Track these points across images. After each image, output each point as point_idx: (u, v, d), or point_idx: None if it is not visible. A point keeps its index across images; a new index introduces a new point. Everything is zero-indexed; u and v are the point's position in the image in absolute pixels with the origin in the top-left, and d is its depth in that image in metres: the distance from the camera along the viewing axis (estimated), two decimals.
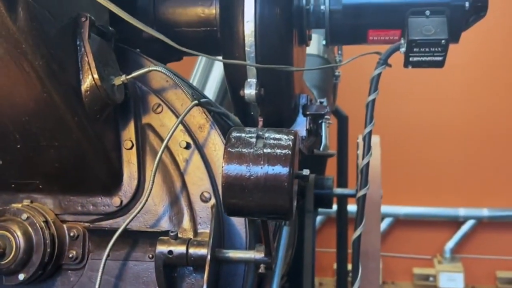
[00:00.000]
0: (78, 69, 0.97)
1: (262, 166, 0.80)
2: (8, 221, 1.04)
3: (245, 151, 0.82)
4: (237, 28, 1.13)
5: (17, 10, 0.82)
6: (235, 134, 0.84)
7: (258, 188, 0.80)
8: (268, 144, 0.82)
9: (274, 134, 0.84)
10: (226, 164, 0.81)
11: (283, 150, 0.81)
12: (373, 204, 2.06)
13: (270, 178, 0.80)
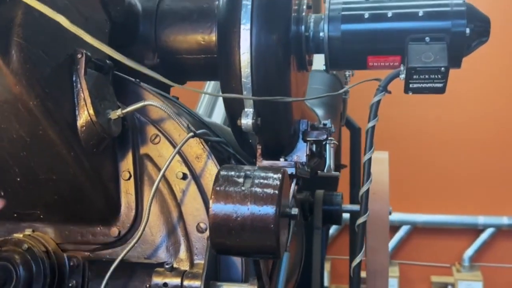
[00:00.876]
0: (74, 105, 0.99)
1: (249, 207, 0.81)
2: (10, 251, 1.07)
3: (232, 191, 0.83)
4: (233, 59, 1.14)
5: (10, 53, 0.84)
6: (223, 173, 0.85)
7: (244, 229, 0.81)
8: (255, 184, 0.83)
9: (261, 173, 0.85)
10: (213, 203, 0.82)
11: (270, 190, 0.82)
12: (381, 222, 2.05)
13: (257, 219, 0.81)
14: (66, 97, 0.98)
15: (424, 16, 1.24)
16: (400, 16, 1.25)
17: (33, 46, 0.88)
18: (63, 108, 0.97)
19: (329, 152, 1.62)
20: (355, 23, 1.27)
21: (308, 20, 1.30)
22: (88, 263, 1.12)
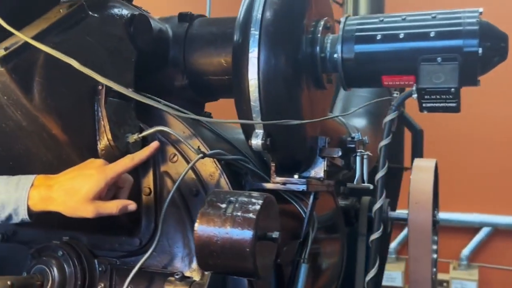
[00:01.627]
0: (95, 131, 1.12)
1: (228, 230, 0.89)
2: (47, 257, 1.23)
3: (215, 215, 0.91)
4: (243, 84, 1.22)
5: (32, 91, 0.99)
6: (210, 198, 0.94)
7: (224, 251, 0.89)
8: (236, 209, 0.91)
9: (244, 198, 0.92)
10: (198, 226, 0.91)
11: (249, 215, 0.89)
12: (423, 231, 2.02)
13: (234, 242, 0.89)
14: (87, 124, 1.11)
15: (436, 36, 1.24)
16: (411, 37, 1.27)
17: (54, 83, 1.02)
18: (84, 135, 1.10)
19: (360, 164, 1.66)
20: (367, 44, 1.30)
21: (325, 41, 1.34)
22: (115, 269, 1.26)
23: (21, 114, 1.01)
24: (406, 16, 1.31)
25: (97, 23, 1.15)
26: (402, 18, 1.31)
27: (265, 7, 1.24)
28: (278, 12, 1.23)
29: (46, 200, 1.02)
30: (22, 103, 0.99)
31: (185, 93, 1.48)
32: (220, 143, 1.39)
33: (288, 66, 1.23)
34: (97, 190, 1.02)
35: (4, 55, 0.94)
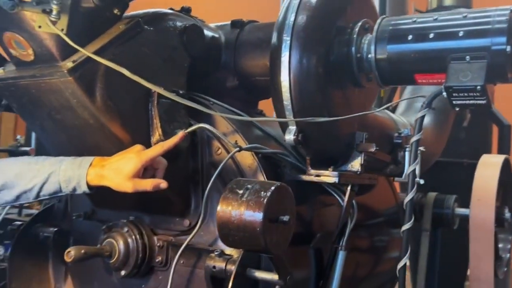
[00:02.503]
0: (149, 127, 1.33)
1: (242, 213, 1.04)
2: (115, 232, 1.47)
3: (232, 199, 1.07)
4: (277, 85, 1.36)
5: (95, 95, 1.21)
6: (231, 185, 1.10)
7: (239, 230, 1.05)
8: (250, 194, 1.06)
9: (258, 186, 1.07)
10: (220, 208, 1.07)
11: (259, 200, 1.04)
12: (485, 228, 2.01)
13: (247, 223, 1.04)
14: (142, 122, 1.32)
15: (464, 35, 1.29)
16: (441, 37, 1.32)
17: (113, 88, 1.24)
18: (140, 130, 1.31)
19: (407, 158, 1.73)
20: (399, 44, 1.38)
21: (362, 42, 1.44)
22: (170, 245, 1.46)
23: (87, 114, 1.24)
24: (438, 16, 1.36)
25: (152, 35, 1.36)
26: (434, 19, 1.36)
27: (298, 12, 1.36)
28: (309, 17, 1.35)
29: (99, 177, 1.25)
30: (87, 105, 1.22)
31: (236, 92, 1.65)
32: (265, 138, 1.54)
33: (318, 67, 1.35)
34: (135, 171, 1.23)
35: (72, 67, 1.17)
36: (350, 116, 1.32)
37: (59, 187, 1.28)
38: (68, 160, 1.29)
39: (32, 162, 1.31)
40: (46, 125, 1.35)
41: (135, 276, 1.48)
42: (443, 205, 2.35)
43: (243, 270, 1.26)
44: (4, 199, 1.31)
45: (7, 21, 1.17)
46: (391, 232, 2.19)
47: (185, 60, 1.47)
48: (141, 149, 1.26)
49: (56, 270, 1.73)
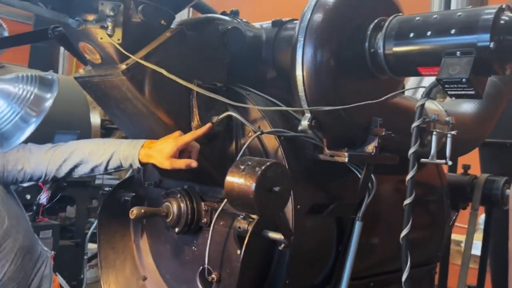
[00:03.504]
0: (190, 114, 1.66)
1: (241, 182, 1.33)
2: (171, 198, 1.83)
3: (236, 172, 1.36)
4: (293, 78, 1.61)
5: (144, 90, 1.56)
6: (238, 161, 1.40)
7: (239, 196, 1.34)
8: (248, 168, 1.34)
9: (255, 163, 1.35)
10: (227, 178, 1.38)
11: (253, 173, 1.32)
12: None
13: (244, 191, 1.33)
14: (184, 110, 1.65)
15: (456, 33, 1.44)
16: (436, 34, 1.48)
17: (159, 84, 1.58)
18: (183, 117, 1.65)
19: (434, 142, 1.88)
20: (403, 41, 1.56)
21: (377, 38, 1.63)
22: (214, 210, 1.79)
23: (140, 104, 1.60)
24: (437, 15, 1.51)
25: (194, 39, 1.68)
26: (433, 17, 1.51)
27: (313, 12, 1.59)
28: (322, 17, 1.57)
29: (147, 156, 1.62)
30: (139, 98, 1.58)
31: (275, 82, 1.92)
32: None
33: (329, 62, 1.58)
34: (172, 152, 1.57)
35: (125, 69, 1.53)
36: (352, 106, 1.52)
37: (120, 163, 1.67)
38: (126, 142, 1.68)
39: (101, 143, 1.72)
40: (116, 112, 1.75)
41: (187, 233, 1.84)
42: (492, 186, 2.42)
43: (259, 231, 1.56)
44: (83, 171, 1.75)
45: (81, 34, 1.56)
46: (435, 211, 2.32)
47: (225, 58, 1.77)
48: (179, 135, 1.60)
49: (135, 227, 2.16)
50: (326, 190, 1.78)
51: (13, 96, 1.49)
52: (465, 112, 2.20)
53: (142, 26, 1.55)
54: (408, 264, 1.59)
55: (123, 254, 2.13)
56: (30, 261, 2.02)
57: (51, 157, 1.78)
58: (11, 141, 1.51)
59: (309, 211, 1.68)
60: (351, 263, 1.75)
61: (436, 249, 2.34)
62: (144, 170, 2.11)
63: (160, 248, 2.04)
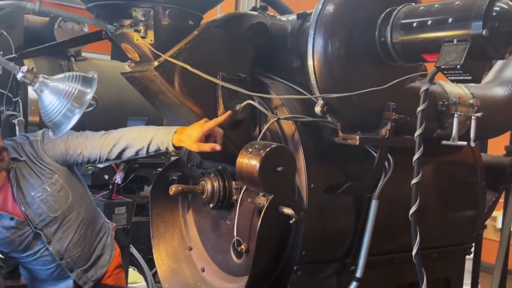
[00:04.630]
0: (216, 104, 1.87)
1: (249, 163, 1.52)
2: (206, 177, 2.06)
3: (245, 154, 1.55)
4: (306, 68, 1.75)
5: (174, 84, 1.79)
6: (246, 145, 1.58)
7: (247, 175, 1.53)
8: (255, 151, 1.53)
9: (261, 146, 1.53)
10: (238, 159, 1.57)
11: (258, 154, 1.50)
12: None
13: (250, 170, 1.51)
14: (211, 100, 1.86)
15: (452, 21, 1.51)
16: (436, 23, 1.56)
17: (187, 78, 1.80)
18: (209, 107, 1.86)
19: (456, 124, 1.96)
20: (407, 30, 1.65)
21: (386, 28, 1.73)
22: (243, 188, 2.00)
23: (172, 96, 1.83)
24: (438, 4, 1.58)
25: (220, 36, 1.87)
26: (435, 7, 1.59)
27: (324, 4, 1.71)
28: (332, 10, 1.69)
29: (179, 141, 1.86)
30: (170, 90, 1.80)
31: (299, 71, 2.07)
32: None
33: (339, 52, 1.70)
34: (198, 137, 1.79)
35: (157, 65, 1.76)
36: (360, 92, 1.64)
37: (158, 147, 1.93)
38: (163, 128, 1.92)
39: (142, 130, 1.99)
40: (156, 103, 2.00)
41: (221, 208, 2.06)
42: None
43: (275, 206, 1.74)
44: (129, 154, 2.03)
45: (121, 37, 1.81)
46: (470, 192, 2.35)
47: (250, 51, 1.95)
48: (203, 122, 1.82)
49: (182, 203, 2.43)
50: (344, 171, 1.91)
51: (61, 92, 1.78)
52: (496, 95, 2.21)
53: (171, 28, 1.77)
54: (417, 239, 1.69)
55: (172, 227, 2.40)
56: (92, 231, 2.36)
57: (104, 142, 2.09)
58: (61, 128, 1.81)
59: (325, 190, 1.83)
60: (369, 240, 1.88)
61: (471, 229, 2.38)
62: (189, 153, 2.35)
63: (202, 222, 2.28)
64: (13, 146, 2.21)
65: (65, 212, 2.24)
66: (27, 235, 2.24)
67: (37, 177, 2.20)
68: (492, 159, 2.55)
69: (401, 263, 2.08)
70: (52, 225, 2.24)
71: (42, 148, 2.21)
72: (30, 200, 2.20)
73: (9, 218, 2.19)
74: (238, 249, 1.95)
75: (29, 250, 2.28)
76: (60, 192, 2.22)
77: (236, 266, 2.04)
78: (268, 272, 1.86)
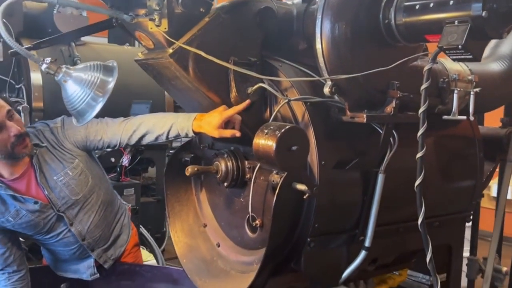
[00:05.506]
0: (228, 87, 1.96)
1: (264, 143, 1.62)
2: (220, 157, 2.16)
3: (261, 135, 1.65)
4: (315, 50, 1.84)
5: (188, 69, 1.87)
6: (262, 127, 1.68)
7: (264, 155, 1.63)
8: (270, 132, 1.63)
9: (277, 127, 1.63)
10: (254, 140, 1.67)
11: (275, 135, 1.61)
12: None
13: (267, 150, 1.62)
14: (223, 84, 1.95)
15: (453, 4, 1.60)
16: (437, 6, 1.65)
17: (201, 64, 1.88)
18: (222, 91, 1.95)
19: (456, 100, 2.06)
20: (410, 12, 1.74)
21: (390, 10, 1.82)
22: (256, 167, 2.10)
23: (187, 81, 1.92)
24: None
25: (230, 22, 1.95)
26: None
27: None
28: None
29: (199, 127, 1.96)
30: (185, 76, 1.89)
31: (306, 53, 2.15)
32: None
33: (346, 35, 1.79)
34: (218, 124, 1.90)
35: (172, 52, 1.84)
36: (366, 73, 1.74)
37: (178, 133, 2.03)
38: (183, 115, 2.02)
39: (162, 116, 2.09)
40: (169, 88, 2.08)
41: (235, 187, 2.17)
42: None
43: (289, 183, 1.85)
44: (149, 139, 2.14)
45: (135, 25, 1.89)
46: (469, 163, 2.47)
47: (259, 35, 2.04)
48: (224, 109, 1.92)
49: (195, 182, 2.53)
50: (351, 148, 2.02)
51: (84, 81, 1.86)
52: (492, 70, 2.31)
53: (184, 15, 1.85)
54: (422, 209, 1.81)
55: (187, 205, 2.51)
56: (111, 212, 2.47)
57: (124, 128, 2.18)
58: (85, 117, 1.90)
59: (335, 166, 1.94)
60: (376, 211, 2.00)
61: (471, 198, 2.51)
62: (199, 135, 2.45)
63: (216, 200, 2.39)
64: (34, 133, 2.31)
65: (86, 195, 2.34)
66: (51, 217, 2.35)
67: (58, 162, 2.30)
68: (489, 131, 2.66)
69: (406, 232, 2.21)
70: (74, 207, 2.35)
71: (63, 134, 2.31)
72: (53, 184, 2.30)
73: (33, 202, 2.29)
74: (253, 224, 2.06)
75: (52, 232, 2.39)
76: (81, 176, 2.33)
77: (251, 240, 2.16)
78: (283, 244, 1.98)
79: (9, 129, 2.15)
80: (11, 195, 2.27)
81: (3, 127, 2.13)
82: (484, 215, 3.16)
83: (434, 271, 1.83)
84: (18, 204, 2.28)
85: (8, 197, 2.27)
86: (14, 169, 2.27)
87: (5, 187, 2.25)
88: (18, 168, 2.28)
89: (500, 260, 2.94)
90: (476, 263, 2.92)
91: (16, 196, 2.28)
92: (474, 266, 2.93)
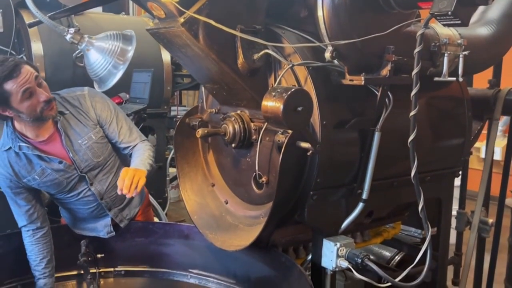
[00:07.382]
0: (235, 54, 2.10)
1: (273, 104, 1.78)
2: (227, 120, 2.32)
3: (269, 97, 1.81)
4: (316, 19, 1.98)
5: (199, 37, 2.01)
6: (269, 90, 1.83)
7: (272, 116, 1.79)
8: (278, 94, 1.78)
9: (283, 90, 1.78)
10: (263, 102, 1.83)
11: (282, 97, 1.76)
12: None
13: (275, 111, 1.77)
14: (231, 51, 2.09)
15: None
16: None
17: (210, 31, 2.01)
18: (230, 57, 2.09)
19: (446, 62, 2.22)
20: None
21: None
22: (261, 128, 2.26)
23: (197, 48, 2.05)
24: None
25: None
26: None
27: None
28: None
29: None
30: (195, 43, 2.02)
31: (307, 20, 2.29)
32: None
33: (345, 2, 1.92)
34: None
35: (183, 21, 1.97)
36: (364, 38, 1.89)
37: None
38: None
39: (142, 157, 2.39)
40: (179, 55, 2.22)
41: (242, 147, 2.33)
42: None
43: (293, 142, 2.02)
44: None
45: None
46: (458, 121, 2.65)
47: (263, 4, 2.16)
48: None
49: (203, 145, 2.70)
50: (350, 109, 2.18)
51: (105, 50, 1.99)
52: (480, 34, 2.46)
53: None
54: (415, 162, 1.99)
55: (195, 167, 2.68)
56: None
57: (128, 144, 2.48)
58: (107, 83, 2.04)
59: (335, 126, 2.11)
60: (372, 167, 2.18)
61: (460, 155, 2.69)
62: (207, 99, 2.60)
63: (223, 160, 2.56)
64: (58, 100, 2.45)
65: (106, 158, 2.51)
66: (73, 177, 2.53)
67: (83, 126, 2.47)
68: (477, 92, 2.84)
69: (400, 186, 2.40)
70: (95, 169, 2.53)
71: (90, 103, 2.47)
72: (78, 147, 2.47)
73: (58, 162, 2.46)
74: (260, 181, 2.24)
75: (73, 191, 2.57)
76: (103, 140, 2.50)
77: (257, 196, 2.34)
78: (288, 198, 2.16)
79: (39, 95, 2.29)
80: (37, 155, 2.43)
81: (33, 93, 2.28)
82: (473, 176, 3.35)
83: (425, 218, 2.02)
84: (44, 163, 2.45)
85: (35, 157, 2.43)
86: (40, 131, 2.43)
87: (32, 148, 2.42)
88: (44, 131, 2.44)
89: (487, 213, 3.14)
90: (464, 215, 3.14)
91: (42, 156, 2.44)
92: (462, 218, 3.15)
